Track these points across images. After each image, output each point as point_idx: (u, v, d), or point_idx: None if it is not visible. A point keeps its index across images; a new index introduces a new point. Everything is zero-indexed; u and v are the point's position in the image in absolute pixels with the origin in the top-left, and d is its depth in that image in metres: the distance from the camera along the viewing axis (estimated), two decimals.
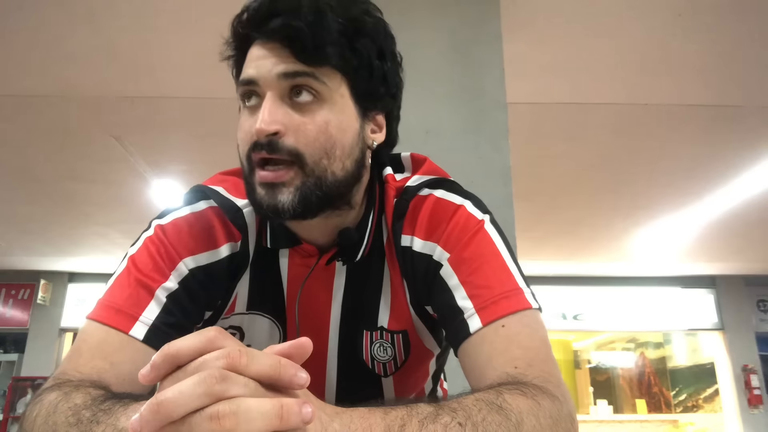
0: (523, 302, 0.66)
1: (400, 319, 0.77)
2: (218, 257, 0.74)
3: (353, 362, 0.80)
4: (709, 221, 4.98)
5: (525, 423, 0.50)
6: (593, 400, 8.33)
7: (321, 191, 0.66)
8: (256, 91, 0.66)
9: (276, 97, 0.65)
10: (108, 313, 0.67)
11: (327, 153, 0.66)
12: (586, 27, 2.50)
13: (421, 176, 0.78)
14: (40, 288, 6.90)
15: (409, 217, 0.74)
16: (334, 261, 0.76)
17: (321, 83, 0.65)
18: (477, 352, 0.65)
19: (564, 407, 0.57)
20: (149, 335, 0.67)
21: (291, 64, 0.64)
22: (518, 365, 0.61)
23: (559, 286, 7.11)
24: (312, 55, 0.64)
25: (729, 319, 7.04)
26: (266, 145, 0.64)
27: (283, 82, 0.65)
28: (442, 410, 0.48)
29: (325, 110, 0.66)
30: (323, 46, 0.64)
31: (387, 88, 0.72)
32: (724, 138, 3.48)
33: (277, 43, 0.65)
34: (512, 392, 0.54)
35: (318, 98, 0.66)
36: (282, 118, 0.64)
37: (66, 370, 0.63)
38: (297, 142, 0.64)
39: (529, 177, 4.07)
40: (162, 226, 0.74)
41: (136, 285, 0.69)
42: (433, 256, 0.72)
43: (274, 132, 0.64)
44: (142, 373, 0.42)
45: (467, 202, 0.74)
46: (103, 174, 4.07)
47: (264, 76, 0.65)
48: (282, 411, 0.38)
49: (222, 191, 0.76)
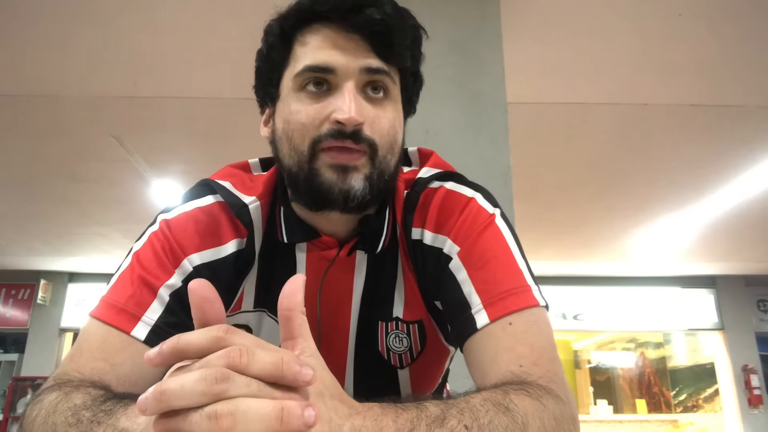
0: (531, 300, 0.66)
1: (414, 310, 0.77)
2: (224, 254, 0.74)
3: (370, 354, 0.79)
4: (709, 221, 4.98)
5: (530, 425, 0.50)
6: (593, 400, 8.33)
7: (383, 183, 0.68)
8: (326, 79, 0.66)
9: (356, 88, 0.66)
10: (110, 312, 0.67)
11: (392, 148, 0.68)
12: (586, 27, 2.50)
13: (430, 168, 0.78)
14: (40, 288, 6.90)
15: (419, 209, 0.75)
16: (355, 251, 0.75)
17: (392, 81, 0.69)
18: (483, 348, 0.64)
19: (567, 409, 0.57)
20: (151, 336, 0.67)
21: (373, 59, 0.66)
22: (523, 364, 0.60)
23: (559, 286, 7.11)
24: (393, 54, 0.67)
25: (729, 319, 7.04)
26: (353, 134, 0.65)
27: (364, 75, 0.66)
28: (449, 412, 0.48)
29: (391, 107, 0.69)
30: (403, 47, 0.67)
31: (418, 96, 0.77)
32: (724, 138, 3.48)
33: (358, 35, 0.65)
34: (518, 393, 0.53)
35: (387, 95, 0.69)
36: (364, 110, 0.66)
37: (67, 370, 0.63)
38: (374, 134, 0.66)
39: (529, 177, 4.07)
40: (167, 221, 0.73)
41: (139, 283, 0.69)
42: (444, 250, 0.72)
43: (360, 123, 0.65)
44: (149, 354, 0.42)
45: (478, 194, 0.74)
46: (103, 174, 4.07)
47: (345, 67, 0.65)
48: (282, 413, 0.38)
49: (229, 186, 0.76)
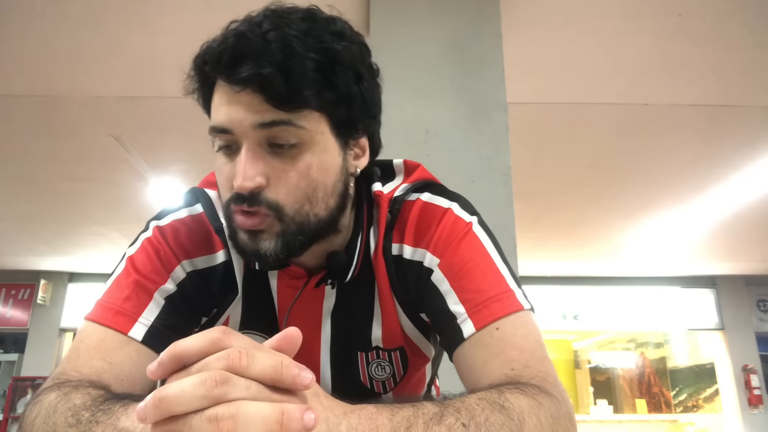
0: (516, 304, 0.66)
1: (393, 336, 0.76)
2: (215, 262, 0.74)
3: (350, 384, 0.79)
4: (709, 221, 4.98)
5: (527, 422, 0.50)
6: (593, 400, 8.32)
7: (304, 235, 0.64)
8: (231, 139, 0.63)
9: (254, 146, 0.61)
10: (107, 314, 0.67)
11: (309, 198, 0.63)
12: (586, 27, 2.50)
13: (407, 184, 0.76)
14: (40, 288, 6.90)
15: (398, 225, 0.73)
16: (323, 284, 0.74)
17: (300, 128, 0.61)
18: (472, 357, 0.64)
19: (563, 406, 0.57)
20: (148, 336, 0.67)
21: (266, 112, 0.60)
22: (515, 367, 0.61)
23: (558, 286, 7.11)
24: (287, 102, 0.59)
25: (729, 319, 7.04)
26: (247, 198, 0.61)
27: (260, 131, 0.61)
28: (446, 410, 0.48)
29: (306, 154, 0.62)
30: (299, 90, 0.59)
31: (368, 110, 0.68)
32: (724, 138, 3.48)
33: (248, 89, 0.59)
34: (513, 392, 0.54)
35: (298, 143, 0.62)
36: (263, 168, 0.61)
37: (65, 370, 0.63)
38: (278, 194, 0.62)
39: (529, 177, 4.07)
40: (160, 227, 0.73)
41: (135, 286, 0.69)
42: (424, 263, 0.71)
43: (257, 186, 0.61)
44: (150, 368, 0.42)
45: (454, 204, 0.73)
46: (103, 174, 4.07)
47: (238, 126, 0.61)
48: (282, 417, 0.38)
49: (213, 197, 0.75)
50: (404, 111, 1.97)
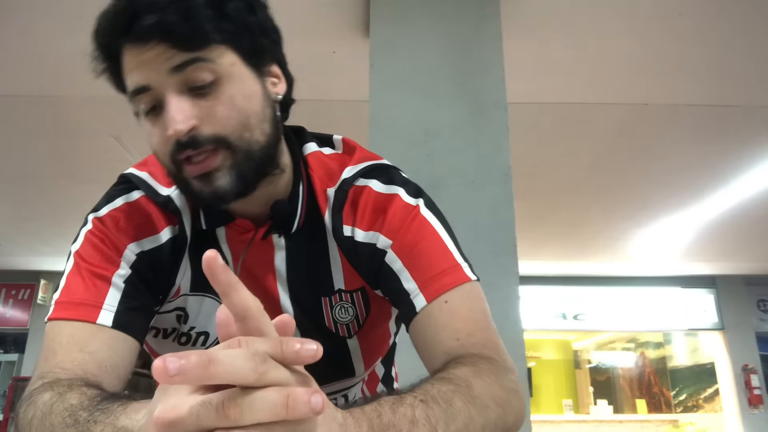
0: (463, 276, 0.71)
1: (354, 279, 0.79)
2: (160, 242, 0.75)
3: (315, 330, 0.80)
4: (709, 221, 4.98)
5: (473, 385, 0.58)
6: (593, 400, 8.32)
7: (253, 162, 0.67)
8: (152, 96, 0.65)
9: (176, 93, 0.64)
10: (69, 310, 0.68)
11: (245, 126, 0.66)
12: (586, 27, 2.50)
13: (354, 166, 0.79)
14: (40, 288, 6.90)
15: (348, 208, 0.77)
16: (271, 234, 0.76)
17: (211, 62, 0.64)
18: (425, 329, 0.70)
19: (501, 364, 0.65)
20: (117, 320, 0.68)
21: (175, 56, 0.63)
22: (460, 337, 0.67)
23: (559, 286, 7.11)
24: (192, 40, 0.63)
25: (729, 319, 7.04)
26: (189, 142, 0.64)
27: (177, 76, 0.64)
28: (405, 393, 0.53)
29: (225, 86, 0.65)
30: (199, 27, 0.63)
31: (268, 36, 0.72)
32: (724, 138, 3.48)
33: (153, 42, 0.62)
34: (455, 366, 0.61)
35: (215, 79, 0.65)
36: (191, 111, 0.64)
37: (50, 368, 0.63)
38: (215, 127, 0.64)
39: (529, 177, 4.07)
40: (100, 218, 0.74)
41: (90, 276, 0.70)
42: (377, 245, 0.75)
43: (191, 128, 0.63)
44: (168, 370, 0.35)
45: (401, 190, 0.77)
46: (103, 174, 4.06)
47: (155, 78, 0.64)
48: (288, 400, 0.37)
49: (147, 178, 0.77)
50: (404, 111, 1.96)
